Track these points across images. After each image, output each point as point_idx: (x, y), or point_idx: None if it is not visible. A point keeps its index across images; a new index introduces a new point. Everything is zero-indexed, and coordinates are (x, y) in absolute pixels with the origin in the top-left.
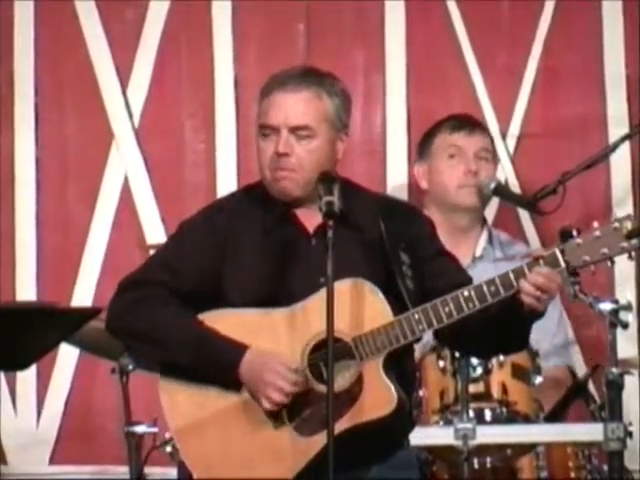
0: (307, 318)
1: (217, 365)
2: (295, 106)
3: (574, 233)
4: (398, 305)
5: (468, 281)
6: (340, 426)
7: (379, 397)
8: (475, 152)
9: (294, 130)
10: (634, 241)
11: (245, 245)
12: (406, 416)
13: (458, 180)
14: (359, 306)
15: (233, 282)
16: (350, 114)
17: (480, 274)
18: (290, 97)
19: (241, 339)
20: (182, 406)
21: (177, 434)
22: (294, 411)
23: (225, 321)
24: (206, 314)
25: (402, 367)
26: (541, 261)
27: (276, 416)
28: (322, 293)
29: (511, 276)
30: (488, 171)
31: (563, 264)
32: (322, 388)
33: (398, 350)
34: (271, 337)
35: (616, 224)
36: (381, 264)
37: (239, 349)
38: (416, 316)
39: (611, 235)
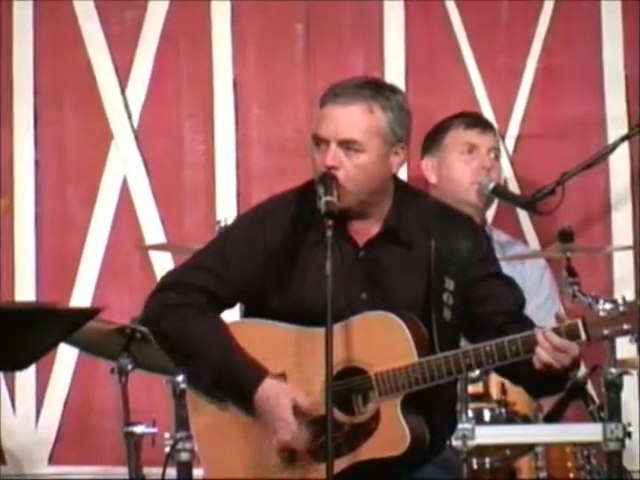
0: (333, 344)
1: (234, 389)
2: (345, 119)
3: (601, 302)
4: (431, 333)
5: (516, 307)
6: (350, 459)
7: (393, 437)
8: (488, 149)
9: (343, 143)
10: None
11: (291, 254)
12: (424, 449)
13: (471, 176)
14: (386, 341)
15: (273, 290)
16: (408, 127)
17: None
18: (341, 110)
19: (267, 355)
20: (205, 411)
21: (197, 436)
22: (311, 436)
23: (255, 333)
24: (238, 323)
25: (436, 398)
26: (562, 329)
27: None
28: (352, 321)
29: (532, 340)
30: (497, 169)
31: (584, 336)
32: (340, 417)
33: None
34: (296, 359)
35: None
36: (424, 287)
37: (255, 378)
38: (437, 362)
39: (635, 312)
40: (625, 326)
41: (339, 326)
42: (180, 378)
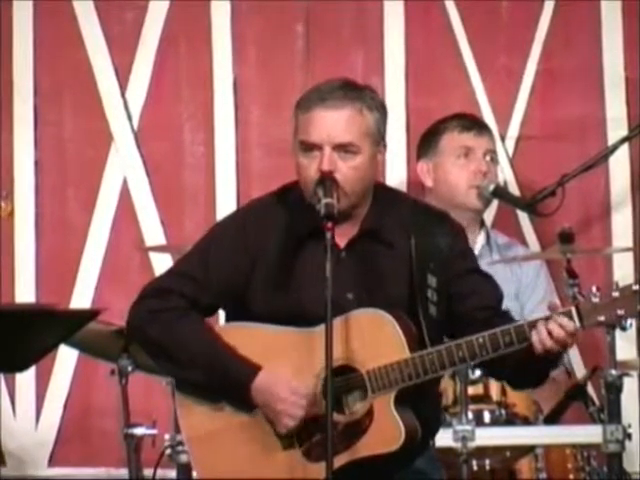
0: (324, 343)
1: (229, 386)
2: (338, 123)
3: (593, 290)
4: (419, 330)
5: (495, 302)
6: (344, 458)
7: (387, 433)
8: (484, 152)
9: (338, 147)
10: None
11: (274, 257)
12: (417, 444)
13: (468, 180)
14: (377, 338)
15: (257, 295)
16: (386, 126)
17: None
18: (332, 114)
19: (257, 356)
20: (196, 416)
21: (189, 442)
22: (304, 435)
23: (243, 336)
24: (225, 326)
25: (424, 393)
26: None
27: (286, 438)
28: (342, 318)
29: (526, 329)
30: (494, 172)
31: (578, 322)
32: (334, 416)
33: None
34: (287, 358)
35: (635, 287)
36: (406, 285)
37: (250, 371)
38: (430, 357)
39: (629, 297)
40: (619, 311)
41: (332, 323)
42: None
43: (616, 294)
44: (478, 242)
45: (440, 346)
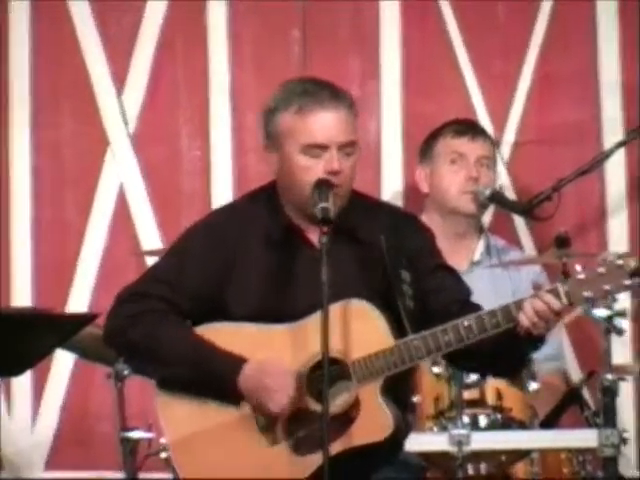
0: (307, 337)
1: (215, 379)
2: (340, 123)
3: (578, 268)
4: (397, 323)
5: (466, 295)
6: (335, 448)
7: (376, 422)
8: (477, 158)
9: (343, 147)
10: (637, 279)
11: (249, 259)
12: (402, 434)
13: (459, 186)
14: (360, 328)
15: (236, 297)
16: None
17: (477, 279)
18: (333, 114)
19: (241, 352)
20: (179, 419)
21: (173, 447)
22: (290, 429)
23: (224, 335)
24: (205, 327)
25: (399, 383)
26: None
27: (272, 433)
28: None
29: (512, 309)
30: (488, 177)
31: (565, 300)
32: (319, 408)
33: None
34: (269, 354)
35: (620, 261)
36: (381, 281)
37: (237, 362)
38: (415, 343)
39: (614, 272)
40: (606, 286)
41: (314, 318)
42: None
43: (602, 269)
44: (478, 249)
45: (425, 332)
